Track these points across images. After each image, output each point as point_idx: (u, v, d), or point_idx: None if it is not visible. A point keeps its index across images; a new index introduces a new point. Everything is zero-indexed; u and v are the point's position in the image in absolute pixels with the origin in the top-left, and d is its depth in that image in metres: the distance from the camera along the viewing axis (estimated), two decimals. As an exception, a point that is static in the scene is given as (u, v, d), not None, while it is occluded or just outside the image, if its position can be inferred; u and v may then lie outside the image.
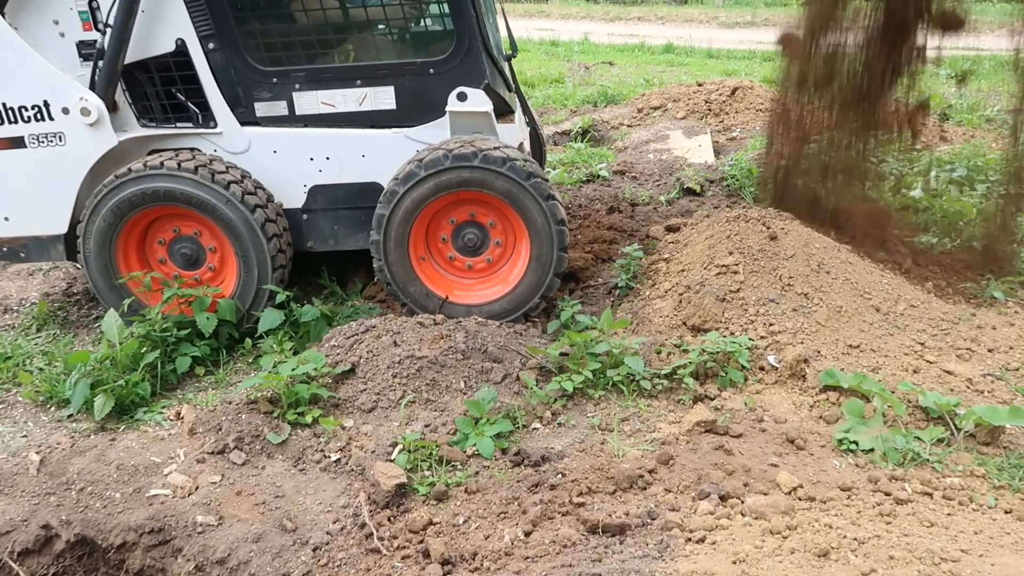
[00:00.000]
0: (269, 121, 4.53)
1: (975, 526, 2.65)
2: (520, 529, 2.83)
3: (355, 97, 4.45)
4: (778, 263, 4.16)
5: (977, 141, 6.85)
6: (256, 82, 4.45)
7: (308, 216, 4.66)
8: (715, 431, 3.35)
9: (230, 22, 4.32)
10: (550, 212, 4.21)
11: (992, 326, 4.05)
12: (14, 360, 4.43)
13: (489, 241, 4.47)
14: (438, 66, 4.39)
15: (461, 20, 4.31)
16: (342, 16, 4.48)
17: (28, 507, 3.22)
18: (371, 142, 4.50)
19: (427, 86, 4.41)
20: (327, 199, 4.61)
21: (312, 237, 4.70)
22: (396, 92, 4.43)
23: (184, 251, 4.52)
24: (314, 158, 4.53)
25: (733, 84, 9.45)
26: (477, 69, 4.38)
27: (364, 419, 3.65)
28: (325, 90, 4.44)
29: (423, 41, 4.72)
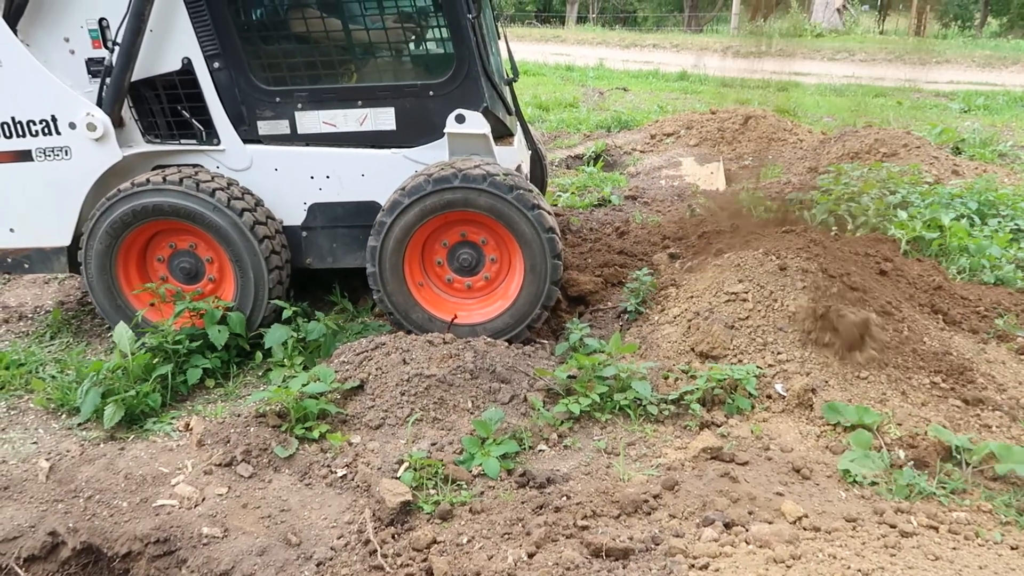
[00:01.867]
0: (271, 139, 4.61)
1: (980, 561, 2.64)
2: (524, 550, 2.83)
3: (356, 117, 4.52)
4: (787, 292, 4.17)
5: (989, 176, 6.86)
6: (259, 101, 4.53)
7: (308, 233, 4.72)
8: (721, 458, 3.35)
9: (235, 42, 4.42)
10: (537, 221, 4.24)
11: (1002, 361, 4.05)
12: (27, 367, 4.48)
13: (484, 259, 4.52)
14: (438, 88, 4.46)
15: (461, 44, 4.38)
16: (344, 38, 4.57)
17: (36, 513, 3.24)
18: (371, 162, 4.57)
19: (427, 108, 4.48)
20: (326, 217, 4.68)
21: (311, 254, 4.76)
22: (396, 113, 4.51)
23: (184, 265, 4.59)
24: (314, 176, 4.60)
25: (746, 113, 9.52)
26: (476, 92, 4.45)
27: (371, 436, 3.67)
28: (327, 110, 4.53)
29: (423, 64, 4.79)
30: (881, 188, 6.34)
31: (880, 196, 6.18)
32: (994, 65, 18.18)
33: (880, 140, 7.72)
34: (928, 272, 4.89)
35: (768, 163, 8.22)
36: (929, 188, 6.47)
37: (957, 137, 8.89)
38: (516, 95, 5.47)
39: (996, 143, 8.84)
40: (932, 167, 7.12)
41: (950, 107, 12.25)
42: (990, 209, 6.20)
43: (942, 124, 9.55)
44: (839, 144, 8.04)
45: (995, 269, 5.22)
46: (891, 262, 4.84)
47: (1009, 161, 8.29)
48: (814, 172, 7.40)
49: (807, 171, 7.56)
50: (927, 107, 12.41)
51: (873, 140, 7.75)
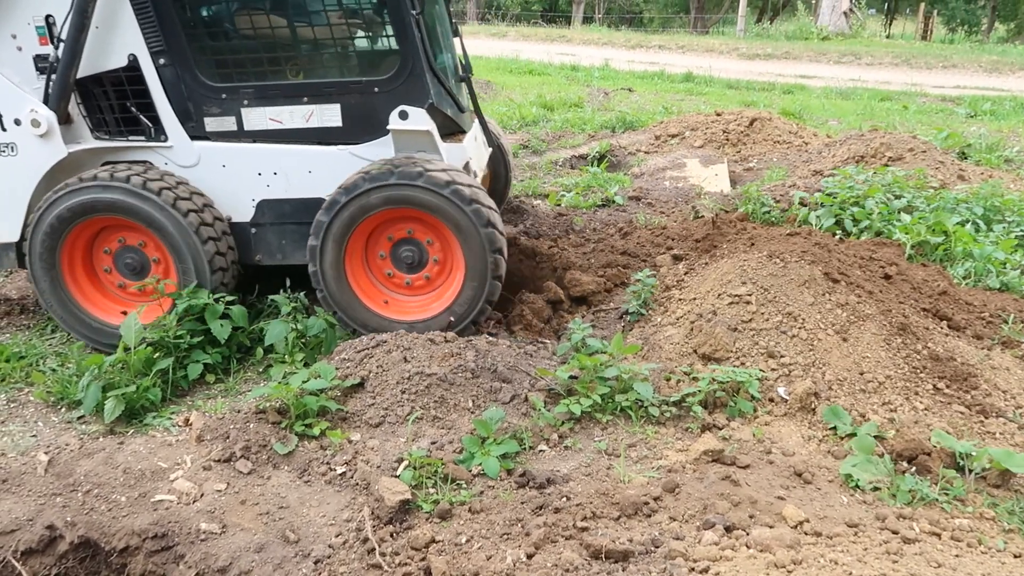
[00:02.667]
0: (218, 136, 4.61)
1: (983, 569, 2.62)
2: (522, 551, 2.81)
3: (302, 114, 4.53)
4: (791, 295, 4.15)
5: (995, 181, 6.83)
6: (206, 98, 4.53)
7: (256, 230, 4.72)
8: (722, 461, 3.34)
9: (180, 39, 4.42)
10: (475, 216, 4.23)
11: (1006, 367, 4.02)
12: (28, 360, 4.47)
13: (428, 258, 4.52)
14: (383, 85, 4.46)
15: (405, 40, 4.38)
16: (289, 34, 4.56)
17: (34, 507, 3.24)
18: (318, 158, 4.57)
19: (372, 104, 4.48)
20: (274, 213, 4.68)
21: (260, 251, 4.77)
22: (342, 110, 4.51)
23: (128, 261, 4.58)
24: (262, 173, 4.61)
25: (752, 115, 9.50)
26: (421, 89, 4.45)
27: (371, 433, 3.65)
28: (273, 107, 4.53)
29: (368, 60, 4.78)
30: (886, 192, 6.32)
31: (885, 200, 6.16)
32: (1001, 70, 18.14)
33: (886, 144, 7.69)
34: (933, 277, 4.86)
35: (773, 166, 8.20)
36: (934, 193, 6.44)
37: (963, 142, 8.86)
38: (474, 92, 5.47)
39: (1002, 148, 8.80)
40: (938, 172, 7.09)
41: (956, 112, 12.22)
42: (995, 214, 6.17)
43: (948, 129, 9.51)
44: (844, 147, 8.01)
45: (1000, 275, 5.20)
46: (896, 266, 4.82)
47: (1015, 167, 8.26)
48: (819, 175, 7.38)
49: (812, 174, 7.54)
50: (933, 111, 12.37)
51: (879, 144, 7.73)
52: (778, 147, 8.96)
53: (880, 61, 19.56)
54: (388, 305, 4.57)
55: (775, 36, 25.93)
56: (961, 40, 27.52)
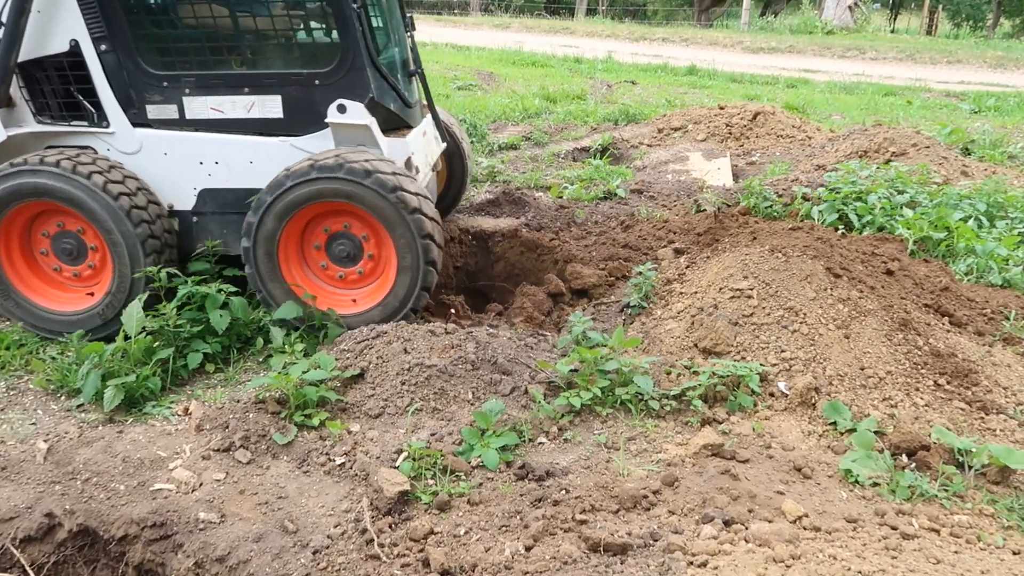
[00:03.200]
0: (160, 124, 4.61)
1: (982, 565, 2.62)
2: (521, 543, 2.81)
3: (243, 104, 4.53)
4: (793, 290, 4.14)
5: (999, 177, 6.80)
6: (147, 85, 4.53)
7: (198, 218, 4.73)
8: (722, 455, 3.33)
9: (122, 25, 4.41)
10: (400, 203, 4.21)
11: (1007, 364, 4.01)
12: (27, 348, 4.47)
13: (363, 254, 4.51)
14: (323, 78, 4.46)
15: (346, 34, 4.37)
16: (231, 24, 4.55)
17: (33, 494, 3.24)
18: (259, 149, 4.57)
19: (313, 97, 4.48)
20: (216, 203, 4.68)
21: (202, 239, 4.77)
22: (283, 101, 4.52)
23: (65, 245, 4.58)
24: (203, 162, 4.61)
25: (755, 109, 9.46)
26: (362, 83, 4.44)
27: (371, 424, 3.65)
28: (214, 96, 4.53)
29: (309, 52, 4.77)
30: (889, 188, 6.30)
31: (888, 196, 6.14)
32: (1006, 66, 18.06)
33: (889, 139, 7.67)
34: (935, 273, 4.85)
35: (776, 160, 8.17)
36: (938, 188, 6.42)
37: (967, 138, 8.82)
38: (428, 87, 5.46)
39: (1006, 145, 8.77)
40: (941, 167, 7.06)
41: (960, 107, 12.17)
42: (999, 211, 6.15)
43: (952, 124, 9.48)
44: (848, 142, 7.98)
45: (1002, 271, 5.19)
46: (898, 262, 4.81)
47: (1019, 163, 8.22)
48: (822, 170, 7.35)
49: (815, 169, 7.52)
50: (937, 107, 12.32)
51: (882, 139, 7.70)
52: (781, 141, 8.93)
53: (884, 56, 19.48)
54: (320, 300, 4.55)
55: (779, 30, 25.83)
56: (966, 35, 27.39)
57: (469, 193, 7.39)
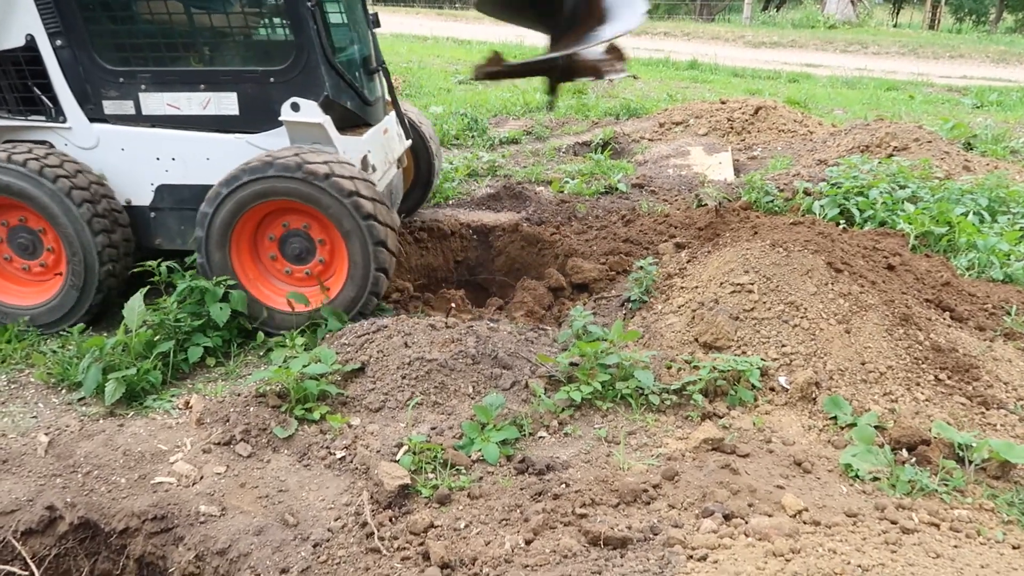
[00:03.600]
0: (117, 119, 4.61)
1: (982, 560, 2.62)
2: (521, 537, 2.82)
3: (199, 101, 4.53)
4: (794, 285, 4.14)
5: (1000, 172, 6.79)
6: (104, 80, 4.53)
7: (156, 214, 4.74)
8: (722, 449, 3.33)
9: (78, 21, 4.40)
10: (353, 208, 4.20)
11: (1008, 359, 4.01)
12: (28, 341, 4.47)
13: (315, 254, 4.50)
14: (278, 75, 4.46)
15: (300, 31, 4.37)
16: (186, 20, 4.55)
17: (34, 487, 3.24)
18: (215, 146, 4.57)
19: (268, 94, 4.48)
20: (174, 198, 4.69)
21: (160, 235, 4.79)
22: (239, 98, 4.52)
23: (21, 241, 4.59)
24: (160, 158, 4.62)
25: (756, 103, 9.44)
26: (316, 81, 4.44)
27: (371, 418, 3.65)
28: (170, 92, 4.53)
29: (264, 50, 4.76)
30: (891, 182, 6.29)
31: (889, 190, 6.13)
32: (1008, 61, 18.01)
33: (891, 134, 7.65)
34: (936, 268, 4.84)
35: (777, 154, 8.16)
36: (939, 183, 6.41)
37: (969, 133, 8.80)
38: (392, 84, 5.46)
39: (1008, 139, 8.75)
40: (943, 162, 7.05)
41: (963, 102, 12.14)
42: (1000, 206, 6.14)
43: (954, 119, 9.46)
44: (849, 137, 7.97)
45: (1004, 266, 5.18)
46: (899, 257, 4.80)
47: (1021, 158, 8.20)
48: (823, 164, 7.34)
49: (816, 163, 7.50)
50: (939, 101, 12.30)
51: (884, 134, 7.68)
52: (783, 136, 8.91)
53: (887, 50, 19.43)
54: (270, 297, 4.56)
55: (781, 24, 25.76)
56: (969, 30, 27.31)
57: (469, 187, 7.39)
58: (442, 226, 6.26)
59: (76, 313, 4.55)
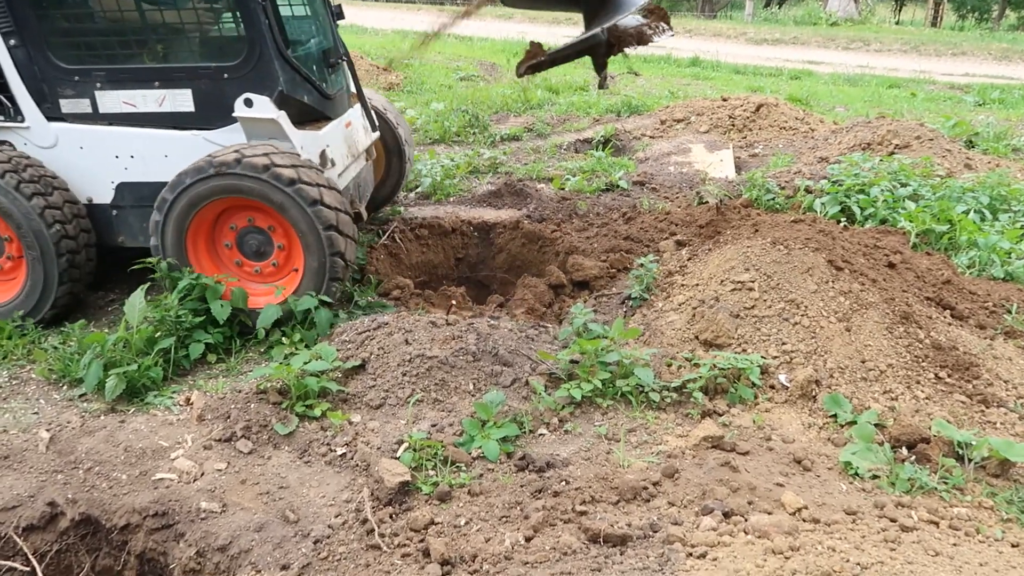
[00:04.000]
0: (74, 118, 4.61)
1: (981, 558, 2.62)
2: (521, 534, 2.82)
3: (155, 98, 4.53)
4: (795, 282, 4.14)
5: (1002, 170, 6.78)
6: (59, 79, 4.53)
7: (117, 212, 4.74)
8: (722, 447, 3.34)
9: (31, 20, 4.40)
10: (297, 195, 4.20)
11: (1008, 357, 4.01)
12: (29, 337, 4.48)
13: (273, 247, 4.50)
14: (232, 71, 4.46)
15: (252, 27, 4.36)
16: (139, 17, 4.54)
17: (35, 483, 3.25)
18: (173, 143, 4.58)
19: (223, 91, 4.48)
20: (134, 196, 4.69)
21: (122, 232, 4.79)
22: (194, 95, 4.53)
23: None
24: (119, 156, 4.62)
25: (758, 101, 9.43)
26: (270, 76, 4.44)
27: (372, 415, 3.66)
28: (126, 90, 4.53)
29: (217, 46, 4.76)
30: (892, 180, 6.28)
31: (890, 188, 6.13)
32: (1011, 58, 17.98)
33: (893, 132, 7.64)
34: (937, 266, 4.84)
35: (778, 152, 8.15)
36: (941, 181, 6.40)
37: (971, 130, 8.79)
38: (357, 77, 5.46)
39: (1010, 137, 8.74)
40: (945, 160, 7.04)
41: (965, 100, 12.12)
42: (1002, 204, 6.13)
43: (956, 117, 9.44)
44: (851, 134, 7.96)
45: (1005, 264, 5.18)
46: (900, 255, 4.80)
47: (1023, 156, 8.20)
48: (825, 162, 7.33)
49: (818, 161, 7.50)
50: (941, 99, 12.28)
51: (885, 131, 7.67)
52: (784, 133, 8.90)
53: (889, 48, 19.39)
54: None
55: (783, 21, 25.72)
56: (971, 27, 27.25)
57: (471, 184, 7.39)
58: (443, 223, 6.26)
59: (41, 309, 4.56)
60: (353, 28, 20.00)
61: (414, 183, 7.28)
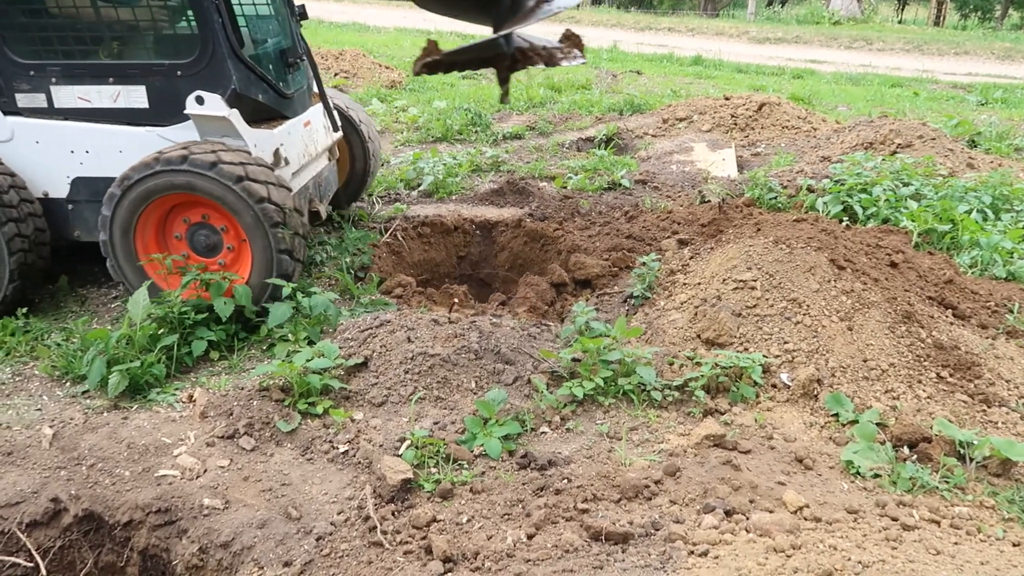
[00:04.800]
0: (31, 112, 4.62)
1: (982, 557, 2.63)
2: (523, 532, 2.83)
3: (109, 94, 4.55)
4: (797, 282, 4.14)
5: (1004, 170, 6.78)
6: (15, 74, 4.55)
7: (73, 206, 4.76)
8: (724, 446, 3.34)
9: None
10: (244, 192, 4.22)
11: (1010, 357, 4.01)
12: (32, 334, 4.49)
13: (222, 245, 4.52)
14: (185, 69, 4.48)
15: (204, 25, 4.38)
16: (94, 14, 4.56)
17: (39, 480, 3.26)
18: (127, 139, 4.59)
19: (176, 88, 4.50)
20: (90, 191, 4.70)
21: (79, 227, 4.80)
22: (148, 91, 4.55)
23: None
24: (75, 151, 4.63)
25: (760, 100, 9.43)
26: (223, 74, 4.46)
27: (374, 413, 3.67)
28: (81, 85, 4.55)
29: (171, 43, 4.77)
30: (894, 179, 6.28)
31: (893, 188, 6.13)
32: (1013, 58, 17.96)
33: (895, 131, 7.64)
34: (939, 265, 4.84)
35: (781, 151, 8.15)
36: (943, 181, 6.40)
37: (973, 130, 8.79)
38: (319, 76, 5.46)
39: (1013, 137, 8.73)
40: (947, 160, 7.04)
41: (967, 99, 12.12)
42: (1004, 204, 6.13)
43: (959, 116, 9.44)
44: (853, 134, 7.96)
45: (1007, 264, 5.18)
46: (902, 254, 4.80)
47: (1025, 156, 8.20)
48: (827, 161, 7.33)
49: (820, 160, 7.50)
50: (944, 99, 12.27)
51: (888, 131, 7.67)
52: (786, 132, 8.90)
53: (891, 47, 19.37)
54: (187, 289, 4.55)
55: (786, 20, 25.69)
56: (974, 27, 27.21)
57: (473, 183, 7.39)
58: (445, 221, 6.27)
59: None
60: (355, 26, 20.01)
61: (416, 181, 7.29)
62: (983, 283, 4.84)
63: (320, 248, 5.72)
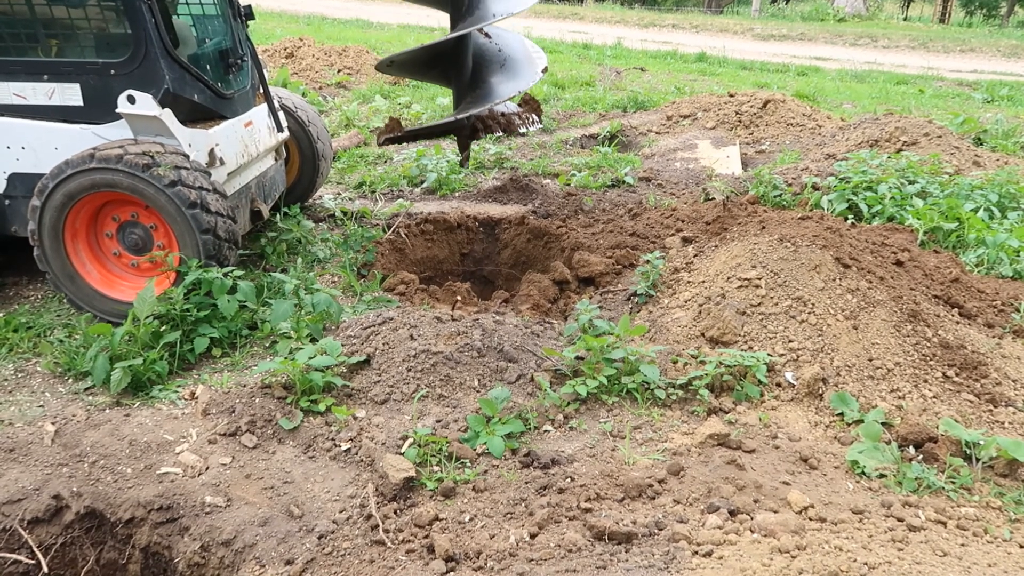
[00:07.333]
0: None
1: (989, 558, 2.61)
2: (526, 531, 2.82)
3: (44, 91, 4.57)
4: (802, 280, 4.12)
5: (1011, 168, 6.74)
6: None
7: (10, 202, 4.77)
8: (728, 445, 3.32)
9: None
10: (153, 179, 4.20)
11: (1017, 356, 3.99)
12: (35, 330, 4.48)
13: (152, 243, 4.51)
14: (119, 68, 4.49)
15: (136, 24, 4.39)
16: (27, 11, 4.56)
17: (40, 476, 3.25)
18: (62, 136, 4.60)
19: (110, 86, 4.51)
20: (26, 187, 4.70)
21: (15, 222, 4.81)
22: (82, 89, 4.55)
23: None
24: (11, 147, 4.65)
25: (765, 97, 9.40)
26: (156, 74, 4.46)
27: (376, 410, 3.65)
28: (16, 82, 4.57)
29: (105, 42, 4.76)
30: (900, 177, 6.25)
31: (898, 185, 6.09)
32: (1019, 55, 17.88)
33: (900, 128, 7.60)
34: (945, 264, 4.82)
35: (785, 149, 8.12)
36: (949, 179, 6.37)
37: (979, 127, 8.75)
38: (263, 76, 5.46)
39: (1019, 135, 8.69)
40: (953, 157, 7.01)
41: (973, 97, 12.06)
42: (1010, 201, 6.10)
43: (964, 114, 9.39)
44: (858, 131, 7.92)
45: (1013, 263, 5.15)
46: (908, 252, 4.77)
47: (1032, 154, 8.15)
48: (832, 159, 7.30)
49: (825, 158, 7.46)
50: (949, 96, 12.22)
51: (893, 128, 7.64)
52: (791, 130, 8.87)
53: (897, 44, 19.30)
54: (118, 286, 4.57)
55: (791, 17, 25.61)
56: (980, 24, 27.11)
57: (476, 180, 7.37)
58: (448, 218, 6.25)
59: None
60: (359, 23, 19.98)
61: (419, 178, 7.27)
62: (989, 282, 4.81)
63: (323, 245, 5.71)
